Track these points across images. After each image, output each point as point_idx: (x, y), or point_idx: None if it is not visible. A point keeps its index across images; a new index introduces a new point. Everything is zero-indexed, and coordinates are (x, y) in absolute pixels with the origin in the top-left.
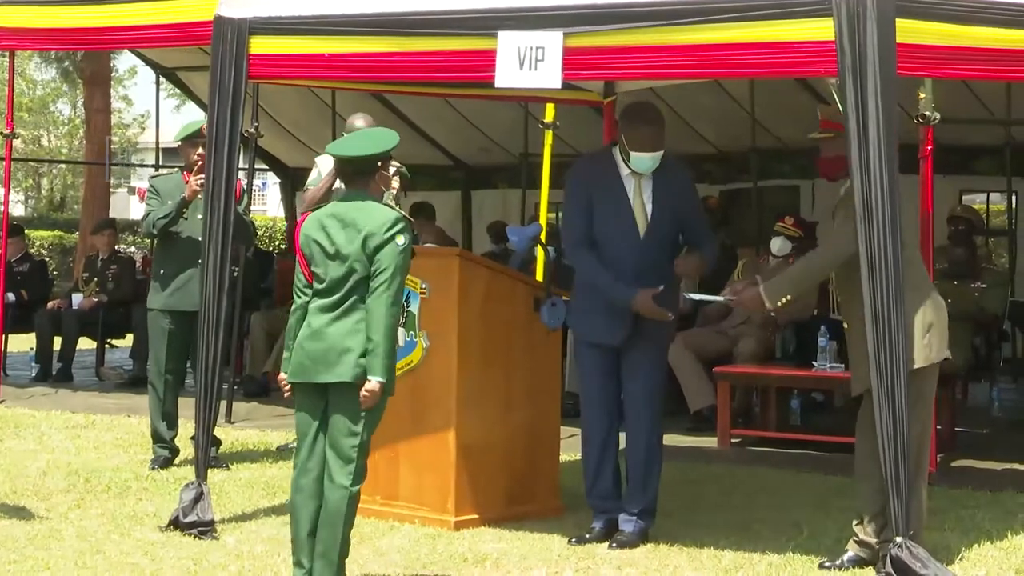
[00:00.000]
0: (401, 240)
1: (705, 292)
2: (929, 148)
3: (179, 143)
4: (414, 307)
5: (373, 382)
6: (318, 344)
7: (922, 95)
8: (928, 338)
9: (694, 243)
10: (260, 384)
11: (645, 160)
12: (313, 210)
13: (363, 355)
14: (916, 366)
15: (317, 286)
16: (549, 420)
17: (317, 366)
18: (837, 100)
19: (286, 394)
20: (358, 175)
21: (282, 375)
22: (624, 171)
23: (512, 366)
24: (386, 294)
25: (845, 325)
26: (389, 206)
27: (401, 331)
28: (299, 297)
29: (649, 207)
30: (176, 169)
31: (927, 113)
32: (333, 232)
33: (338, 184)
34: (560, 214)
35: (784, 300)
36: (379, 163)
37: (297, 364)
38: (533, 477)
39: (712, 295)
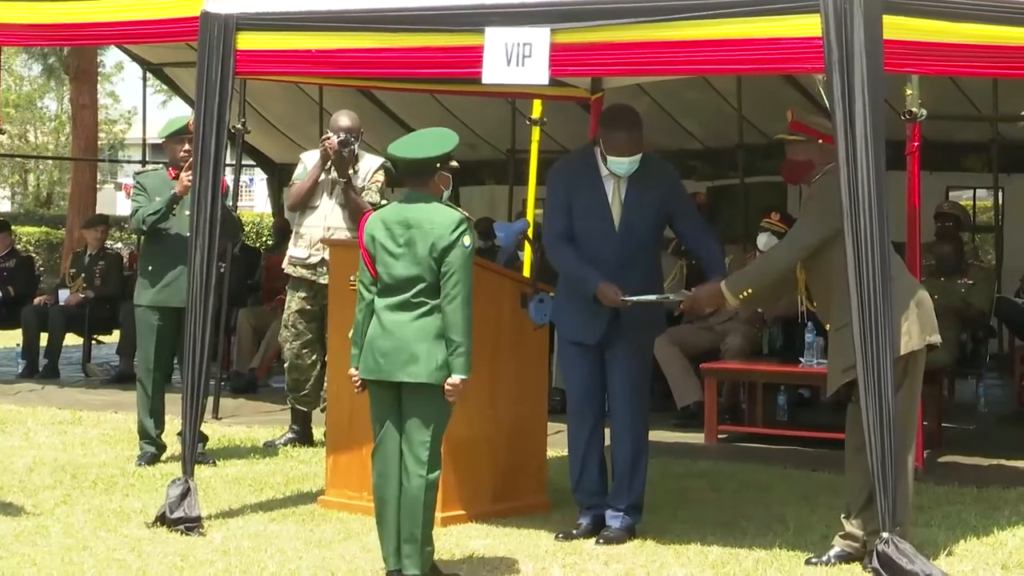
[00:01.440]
0: (467, 241)
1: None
2: (916, 144)
3: (164, 140)
4: None
5: (456, 379)
6: (389, 342)
7: (909, 91)
8: (907, 325)
9: (691, 240)
10: (247, 380)
11: (622, 165)
12: (376, 208)
13: (435, 355)
14: (902, 352)
15: (383, 284)
16: (536, 416)
17: (390, 364)
18: (824, 96)
19: (357, 390)
20: (418, 176)
21: (352, 370)
22: (604, 170)
23: (499, 362)
24: (460, 297)
25: (827, 326)
26: (449, 205)
27: None
28: (365, 293)
29: (624, 205)
30: (161, 165)
31: (914, 109)
32: (398, 232)
33: (325, 183)
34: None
35: (746, 293)
36: (438, 164)
37: (369, 361)
38: (520, 473)
39: (657, 295)
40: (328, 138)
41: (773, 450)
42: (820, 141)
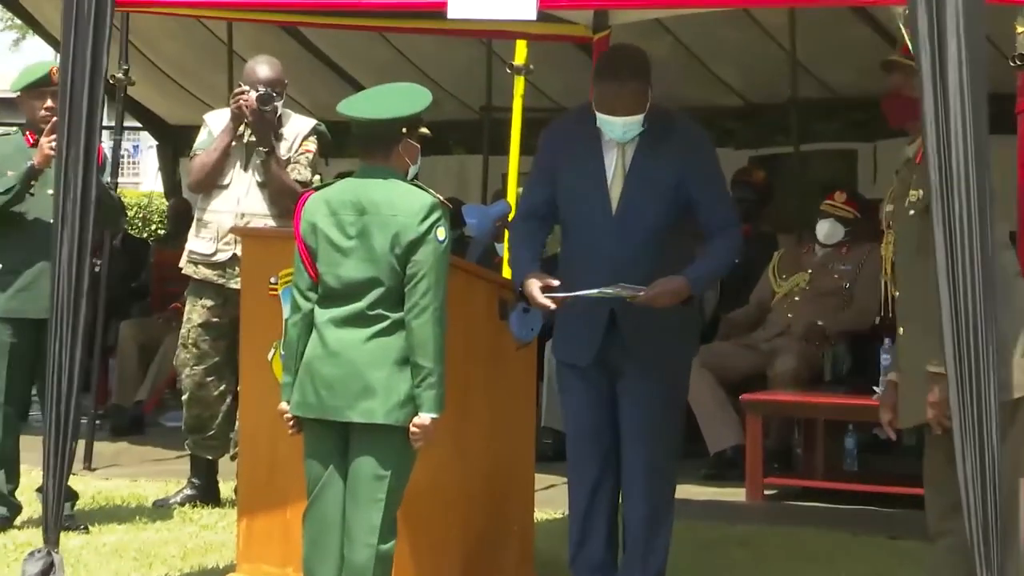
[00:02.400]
0: (442, 235)
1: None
2: None
3: (19, 93)
4: None
5: (426, 418)
6: (335, 369)
7: (1020, 29)
8: (1020, 357)
9: (705, 236)
10: (131, 417)
11: (614, 126)
12: (318, 188)
13: (396, 387)
14: (1016, 395)
15: (326, 289)
16: (519, 465)
17: (336, 399)
18: (905, 35)
19: (290, 432)
20: (377, 143)
21: (283, 405)
22: (606, 135)
23: (470, 393)
24: (431, 308)
25: (900, 330)
26: (419, 186)
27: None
28: (302, 302)
29: (626, 182)
30: (16, 128)
31: None
32: (347, 220)
33: (239, 150)
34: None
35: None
36: (404, 129)
37: (308, 394)
38: (498, 540)
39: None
40: (242, 93)
41: (837, 510)
42: None
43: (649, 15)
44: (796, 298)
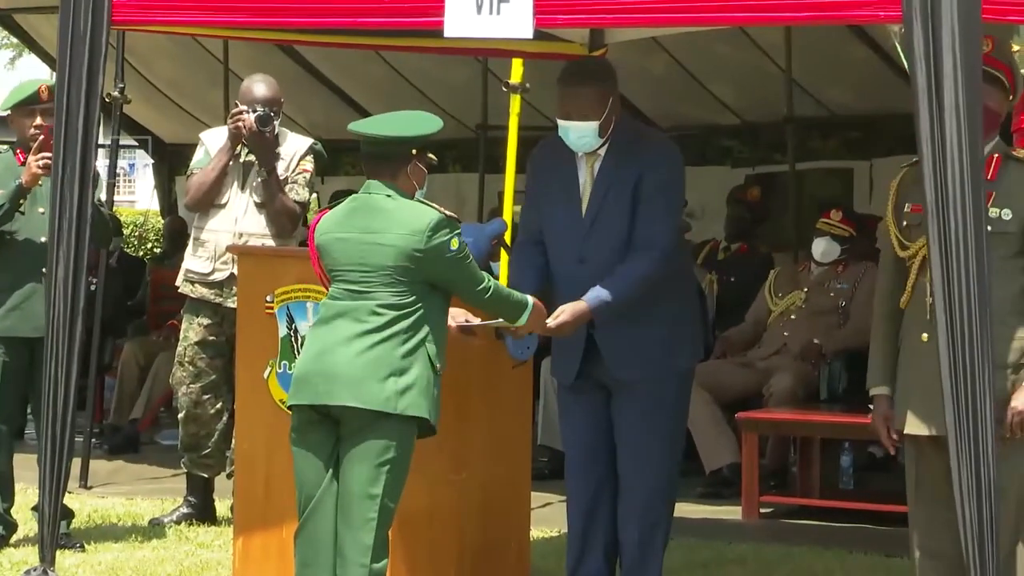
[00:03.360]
0: (455, 245)
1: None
2: None
3: (9, 111)
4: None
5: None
6: (335, 356)
7: (1016, 47)
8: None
9: (630, 247)
10: (127, 436)
11: (567, 131)
12: (331, 206)
13: (395, 378)
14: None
15: (332, 299)
16: (516, 483)
17: (330, 383)
18: (901, 54)
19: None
20: (385, 162)
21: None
22: (579, 152)
23: (468, 411)
24: (486, 288)
25: (924, 336)
26: (424, 203)
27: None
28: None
29: (594, 188)
30: (6, 146)
31: (1022, 71)
32: (356, 236)
33: (236, 169)
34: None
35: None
36: (414, 150)
37: (303, 383)
38: (495, 558)
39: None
40: (240, 114)
41: (833, 528)
42: (1009, 96)
43: (645, 33)
44: (792, 316)
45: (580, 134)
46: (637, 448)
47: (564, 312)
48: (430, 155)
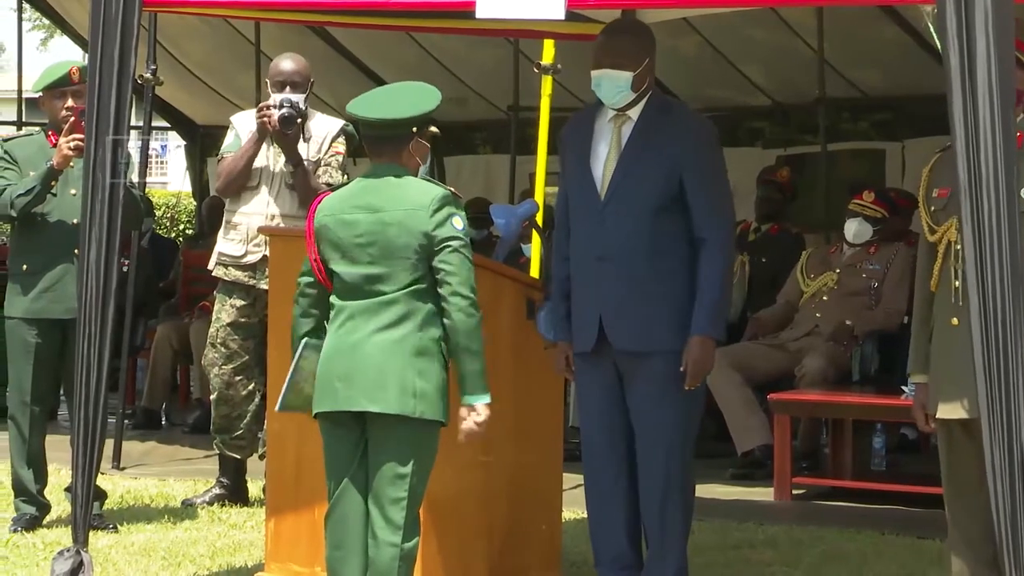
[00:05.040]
0: (459, 225)
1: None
2: None
3: (41, 93)
4: None
5: (480, 405)
6: (351, 362)
7: None
8: None
9: (696, 237)
10: (201, 415)
11: (598, 81)
12: (334, 188)
13: (410, 379)
14: None
15: (343, 286)
16: (547, 464)
17: (351, 389)
18: (934, 34)
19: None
20: (387, 143)
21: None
22: (606, 116)
23: (498, 393)
24: (466, 298)
25: (954, 320)
26: (429, 180)
27: None
28: (306, 300)
29: (619, 161)
30: (38, 128)
31: None
32: (361, 218)
33: (267, 151)
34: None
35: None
36: (415, 128)
37: (325, 388)
38: (525, 540)
39: None
40: (266, 110)
41: (865, 510)
42: None
43: (676, 14)
44: (824, 298)
45: (613, 84)
46: (653, 424)
47: (688, 363)
48: (432, 128)
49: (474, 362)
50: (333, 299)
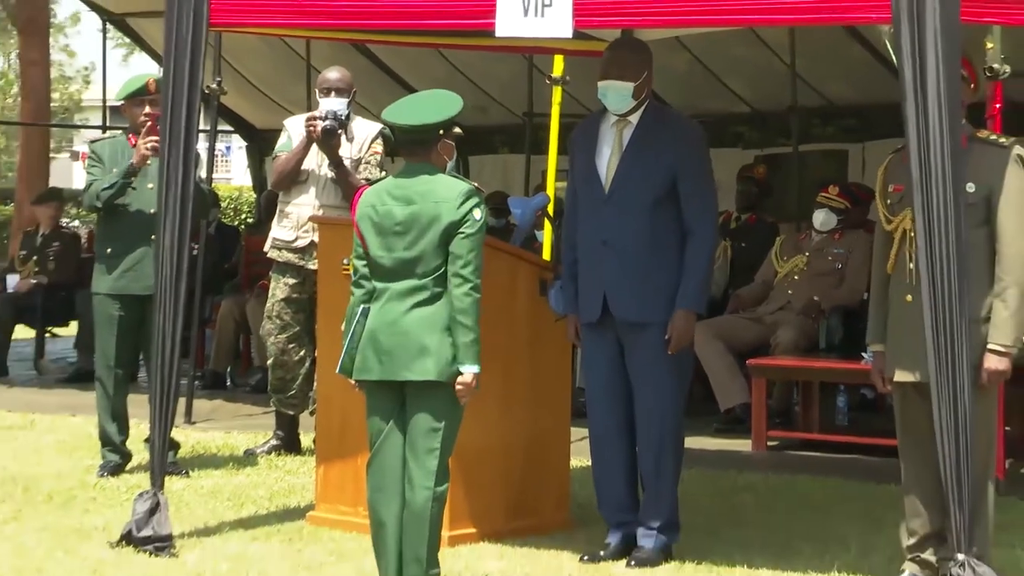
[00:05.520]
0: (478, 215)
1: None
2: (998, 106)
3: (122, 102)
4: None
5: (469, 372)
6: (394, 337)
7: (990, 45)
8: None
9: (685, 225)
10: (224, 379)
11: (607, 91)
12: (371, 183)
13: (446, 349)
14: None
15: (382, 269)
16: (557, 420)
17: (394, 362)
18: (891, 51)
19: (355, 389)
20: (418, 145)
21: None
22: (610, 121)
23: (513, 358)
24: (470, 281)
25: (908, 297)
26: (456, 176)
27: None
28: (362, 282)
29: (620, 161)
30: (120, 132)
31: (995, 66)
32: (397, 210)
33: (314, 152)
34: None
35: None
36: (441, 131)
37: (369, 360)
38: (538, 486)
39: None
40: (312, 121)
41: (831, 459)
42: (972, 86)
43: (669, 33)
44: (795, 277)
45: (617, 93)
46: (649, 385)
47: (672, 332)
48: (456, 128)
49: (466, 335)
50: (375, 282)
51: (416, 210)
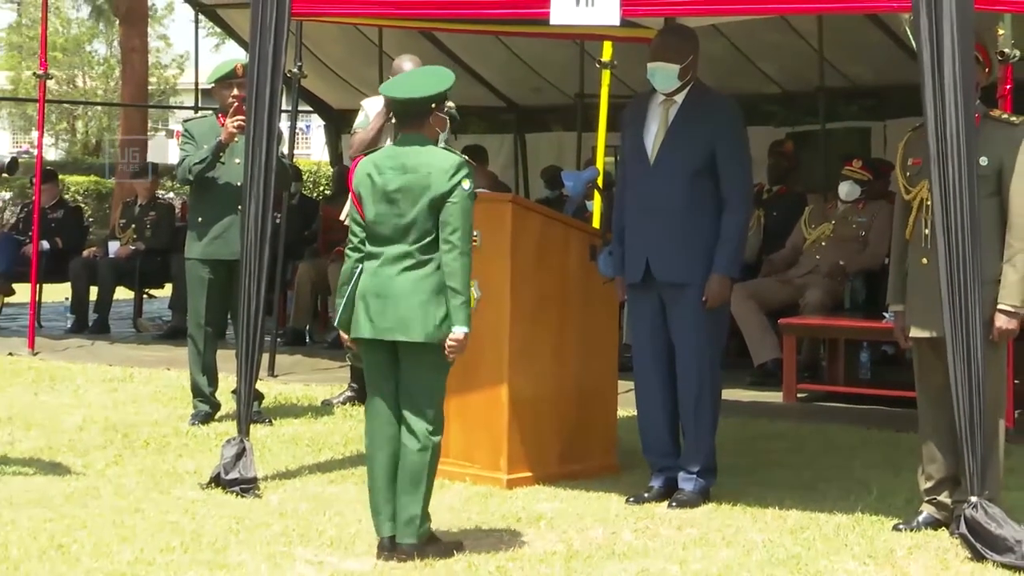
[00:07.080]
0: (467, 185)
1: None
2: (1008, 87)
3: (212, 85)
4: None
5: (459, 332)
6: (383, 299)
7: (1001, 31)
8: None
9: (723, 198)
10: (304, 336)
11: (653, 72)
12: (366, 154)
13: (433, 313)
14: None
15: (376, 233)
16: (605, 374)
17: (385, 322)
18: (910, 37)
19: (349, 346)
20: (412, 117)
21: (343, 335)
22: (657, 100)
23: (566, 317)
24: (459, 247)
25: (924, 260)
26: (447, 149)
27: None
28: (358, 244)
29: (665, 136)
30: (211, 111)
31: (1006, 50)
32: (391, 178)
33: (389, 129)
34: (618, 158)
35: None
36: (434, 104)
37: (362, 319)
38: (588, 433)
39: None
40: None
41: (855, 410)
42: (986, 69)
43: (707, 21)
44: (823, 243)
45: (665, 73)
46: (689, 341)
47: (708, 294)
48: (448, 104)
49: (456, 297)
50: (369, 246)
51: (409, 179)
